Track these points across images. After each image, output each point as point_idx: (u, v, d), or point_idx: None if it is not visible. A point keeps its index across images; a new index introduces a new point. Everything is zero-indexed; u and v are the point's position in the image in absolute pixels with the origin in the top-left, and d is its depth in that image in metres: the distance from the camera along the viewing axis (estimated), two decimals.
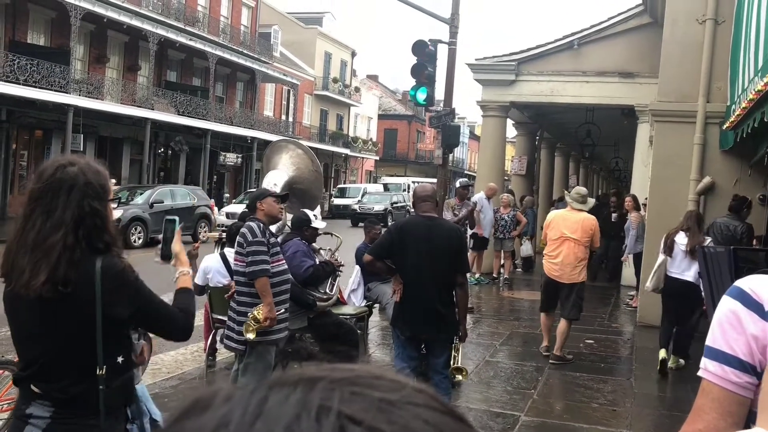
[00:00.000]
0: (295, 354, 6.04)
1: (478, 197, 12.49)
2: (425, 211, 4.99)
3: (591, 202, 7.62)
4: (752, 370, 1.23)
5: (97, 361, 2.23)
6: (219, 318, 6.06)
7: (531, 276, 14.13)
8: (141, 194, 18.72)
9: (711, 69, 9.06)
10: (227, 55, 29.77)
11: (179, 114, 26.80)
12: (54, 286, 2.15)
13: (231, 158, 30.85)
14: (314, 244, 6.82)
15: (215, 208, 21.91)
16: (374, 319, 8.80)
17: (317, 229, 6.73)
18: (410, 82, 11.47)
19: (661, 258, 7.26)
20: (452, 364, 5.16)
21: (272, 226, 5.04)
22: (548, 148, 20.93)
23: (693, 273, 6.80)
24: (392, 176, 46.39)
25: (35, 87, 20.46)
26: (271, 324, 4.69)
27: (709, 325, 1.33)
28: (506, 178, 21.11)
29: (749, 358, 1.23)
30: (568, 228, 7.21)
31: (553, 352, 7.34)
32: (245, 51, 31.90)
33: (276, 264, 4.83)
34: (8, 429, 2.23)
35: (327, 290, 6.79)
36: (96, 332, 2.22)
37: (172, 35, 26.32)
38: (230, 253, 5.95)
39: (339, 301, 7.31)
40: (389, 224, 18.90)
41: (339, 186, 39.42)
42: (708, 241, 6.88)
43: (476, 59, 14.90)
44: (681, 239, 7.03)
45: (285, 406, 0.42)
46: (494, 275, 13.37)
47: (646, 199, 10.72)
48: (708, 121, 9.13)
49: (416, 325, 4.93)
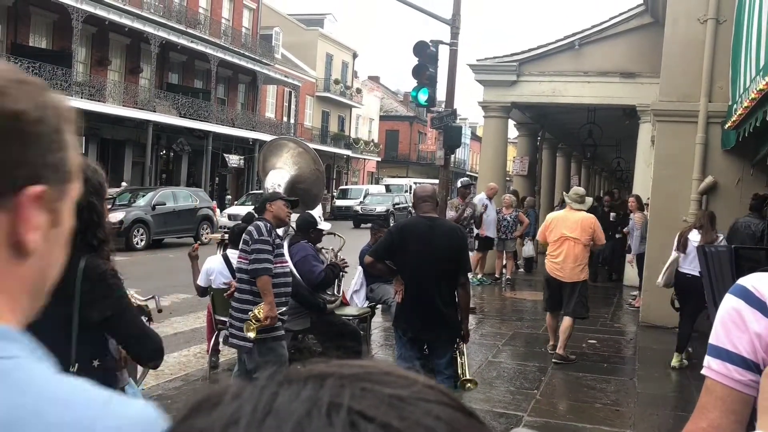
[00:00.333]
0: (299, 354, 6.05)
1: (480, 198, 12.49)
2: (426, 212, 4.98)
3: (589, 202, 7.78)
4: (756, 368, 1.23)
5: (71, 361, 2.23)
6: (221, 319, 6.06)
7: (533, 276, 14.12)
8: (143, 196, 18.76)
9: (712, 68, 9.06)
10: (229, 57, 29.79)
11: (181, 116, 26.83)
12: None
13: (234, 160, 30.88)
14: (318, 244, 6.81)
15: (217, 210, 21.92)
16: (377, 320, 8.80)
17: (322, 231, 6.72)
18: (411, 83, 11.47)
19: (674, 255, 7.43)
20: (460, 375, 5.12)
21: (278, 230, 5.05)
22: (550, 149, 20.90)
23: None
24: (394, 177, 46.34)
25: None
26: (272, 323, 4.71)
27: (711, 325, 1.33)
28: (508, 179, 21.12)
29: (752, 356, 1.23)
30: (568, 228, 7.34)
31: (556, 351, 7.39)
32: (246, 53, 31.92)
33: (279, 265, 4.84)
34: None
35: (334, 291, 6.80)
36: (72, 331, 2.22)
37: (174, 37, 26.35)
38: (233, 255, 5.95)
39: (342, 302, 7.31)
40: (390, 225, 18.88)
41: (341, 187, 39.38)
42: (720, 239, 6.96)
43: (477, 60, 14.90)
44: (694, 236, 7.22)
45: (295, 403, 0.42)
46: (496, 276, 13.37)
47: (648, 199, 10.71)
48: (710, 121, 9.12)
49: (418, 326, 4.92)
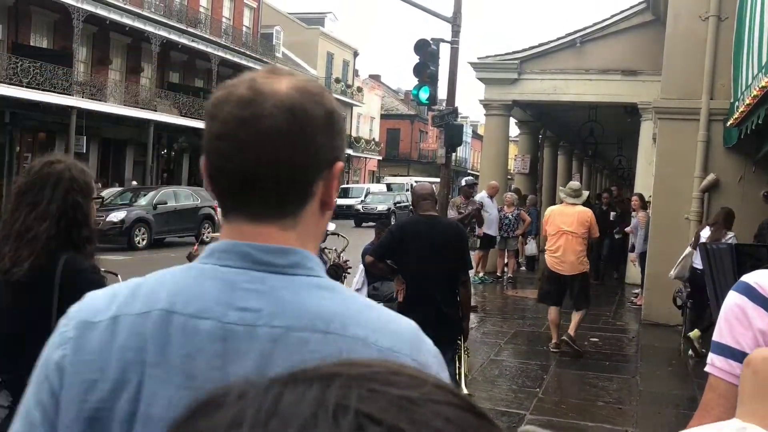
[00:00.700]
0: None
1: (481, 196, 12.49)
2: (425, 210, 4.98)
3: (585, 195, 8.02)
4: None
5: None
6: None
7: (535, 275, 14.09)
8: (144, 195, 18.77)
9: (714, 66, 9.04)
10: (229, 56, 29.79)
11: (182, 115, 26.83)
12: (31, 274, 2.20)
13: None
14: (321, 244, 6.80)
15: (218, 209, 21.93)
16: None
17: (327, 231, 6.70)
18: (412, 82, 11.46)
19: (688, 250, 7.68)
20: (464, 374, 5.10)
21: None
22: (551, 147, 20.88)
23: None
24: (395, 176, 46.31)
25: (38, 89, 20.50)
26: None
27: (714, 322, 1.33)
28: (509, 177, 21.09)
29: None
30: (565, 222, 7.50)
31: (567, 332, 7.52)
32: (247, 52, 31.91)
33: None
34: None
35: None
36: (51, 326, 2.23)
37: (174, 37, 26.36)
38: None
39: None
40: (391, 224, 18.89)
41: (342, 186, 39.32)
42: (728, 237, 6.99)
43: (479, 58, 14.88)
44: (705, 233, 7.40)
45: (301, 405, 0.40)
46: (498, 274, 13.37)
47: (650, 197, 10.69)
48: (711, 118, 9.10)
49: (419, 325, 4.91)
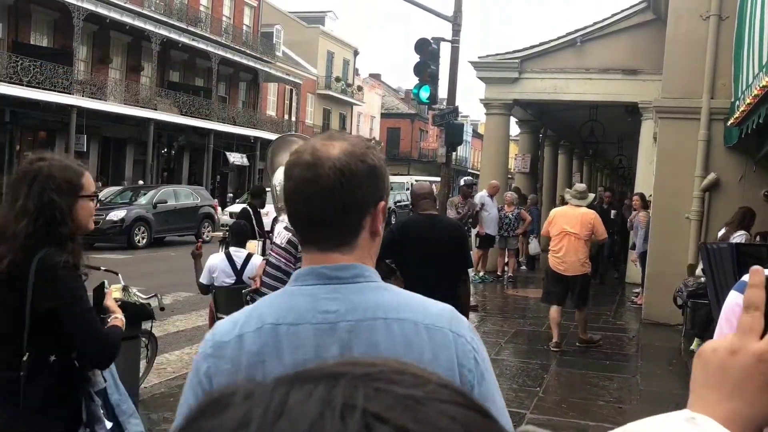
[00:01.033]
0: None
1: (481, 195, 12.50)
2: (425, 209, 4.98)
3: (591, 197, 8.04)
4: None
5: (22, 351, 2.23)
6: (223, 317, 6.06)
7: (535, 274, 14.10)
8: (144, 194, 18.78)
9: (715, 65, 9.04)
10: (230, 55, 29.79)
11: (182, 114, 26.84)
12: (9, 271, 2.20)
13: (237, 158, 30.90)
14: None
15: (219, 208, 21.93)
16: None
17: None
18: (413, 81, 11.47)
19: None
20: None
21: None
22: (552, 146, 20.88)
23: None
24: (395, 175, 46.22)
25: (38, 88, 20.50)
26: None
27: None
28: (510, 176, 21.09)
29: None
30: (568, 223, 7.54)
31: (579, 336, 7.71)
32: (248, 51, 31.92)
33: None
34: None
35: None
36: (24, 321, 2.23)
37: (175, 35, 26.36)
38: (235, 252, 5.95)
39: None
40: (391, 223, 18.91)
41: None
42: (736, 236, 6.99)
43: (479, 57, 14.87)
44: (720, 231, 7.55)
45: (308, 404, 0.40)
46: (498, 273, 13.37)
47: (650, 196, 10.69)
48: (712, 118, 9.10)
49: None
